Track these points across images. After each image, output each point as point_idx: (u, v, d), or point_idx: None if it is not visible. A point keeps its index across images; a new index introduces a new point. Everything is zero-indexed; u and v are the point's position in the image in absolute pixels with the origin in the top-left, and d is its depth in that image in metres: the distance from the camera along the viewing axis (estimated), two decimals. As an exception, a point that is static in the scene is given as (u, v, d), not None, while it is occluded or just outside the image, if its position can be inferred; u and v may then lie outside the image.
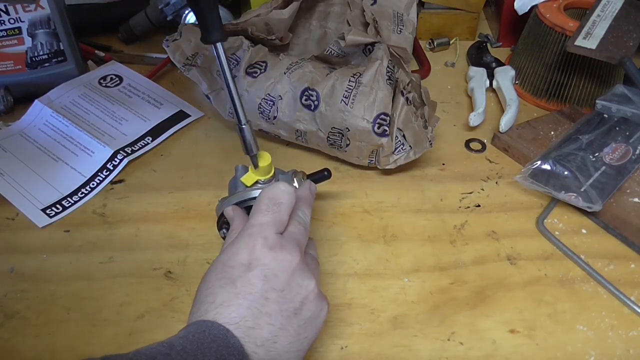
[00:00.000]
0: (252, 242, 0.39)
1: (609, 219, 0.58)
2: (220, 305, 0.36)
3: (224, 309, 0.36)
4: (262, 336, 0.36)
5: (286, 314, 0.37)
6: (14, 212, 0.58)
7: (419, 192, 0.62)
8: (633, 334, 0.48)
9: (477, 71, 0.78)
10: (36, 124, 0.68)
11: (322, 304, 0.40)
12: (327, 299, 0.41)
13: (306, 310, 0.38)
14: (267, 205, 0.42)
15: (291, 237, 0.41)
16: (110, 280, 0.52)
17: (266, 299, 0.37)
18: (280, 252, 0.39)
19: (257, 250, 0.38)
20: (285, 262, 0.38)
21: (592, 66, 0.71)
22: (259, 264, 0.38)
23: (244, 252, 0.39)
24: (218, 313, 0.36)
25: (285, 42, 0.67)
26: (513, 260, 0.55)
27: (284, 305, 0.37)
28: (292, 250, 0.39)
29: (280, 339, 0.37)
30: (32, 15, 0.69)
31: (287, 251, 0.39)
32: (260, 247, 0.38)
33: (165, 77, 0.79)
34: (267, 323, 0.36)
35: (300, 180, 0.54)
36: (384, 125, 0.59)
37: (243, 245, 0.39)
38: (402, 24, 0.68)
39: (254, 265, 0.38)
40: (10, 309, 0.49)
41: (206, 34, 0.45)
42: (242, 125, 0.48)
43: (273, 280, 0.38)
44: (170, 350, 0.33)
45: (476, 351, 0.47)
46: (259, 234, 0.39)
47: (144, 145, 0.65)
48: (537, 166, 0.60)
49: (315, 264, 0.44)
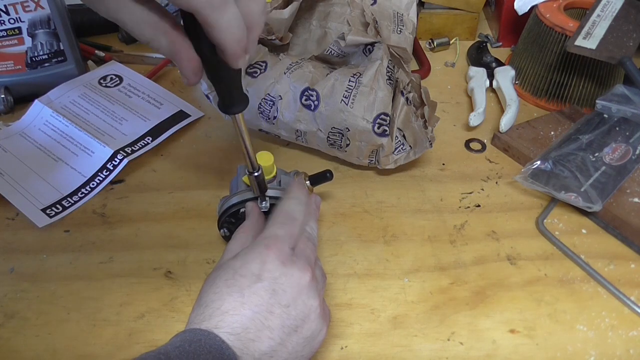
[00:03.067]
0: (266, 253, 0.39)
1: (609, 219, 0.58)
2: (225, 313, 0.36)
3: (228, 317, 0.36)
4: (261, 349, 0.36)
5: (287, 330, 0.37)
6: (13, 212, 0.58)
7: (419, 192, 0.62)
8: (633, 334, 0.48)
9: (477, 71, 0.78)
10: (36, 124, 0.68)
11: (322, 325, 0.40)
12: (329, 318, 0.42)
13: (307, 329, 0.39)
14: (284, 218, 0.42)
15: (302, 254, 0.41)
16: (110, 280, 0.52)
17: (271, 312, 0.37)
18: (291, 268, 0.39)
19: (269, 262, 0.38)
20: (295, 278, 0.39)
21: (592, 66, 0.71)
22: (269, 277, 0.38)
23: (257, 262, 0.39)
24: (222, 320, 0.36)
25: (285, 42, 0.67)
26: (513, 260, 0.55)
27: (286, 321, 0.37)
28: (302, 267, 0.39)
29: (278, 354, 0.37)
30: (32, 15, 0.69)
31: (297, 268, 0.39)
32: (272, 260, 0.39)
33: (165, 77, 0.79)
34: (268, 337, 0.36)
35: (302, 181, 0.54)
36: (384, 125, 0.59)
37: (257, 255, 0.39)
38: (402, 24, 0.68)
39: (264, 278, 0.38)
40: (10, 309, 0.49)
41: (229, 106, 0.41)
42: (255, 173, 0.47)
43: (280, 294, 0.38)
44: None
45: (476, 351, 0.47)
46: (274, 245, 0.39)
47: (144, 145, 0.65)
48: (537, 166, 0.60)
49: (324, 280, 0.44)
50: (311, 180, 0.55)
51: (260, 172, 0.47)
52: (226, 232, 0.52)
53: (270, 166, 0.50)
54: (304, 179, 0.54)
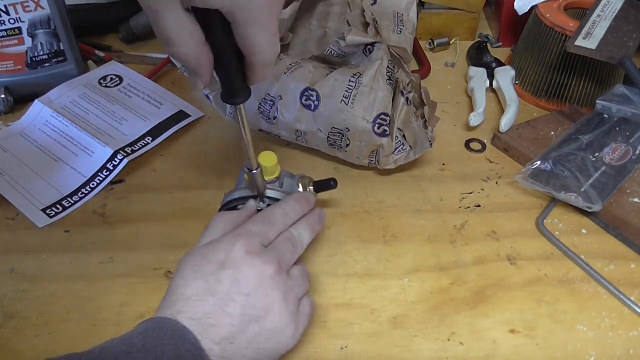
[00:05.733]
0: (233, 242, 0.41)
1: (609, 219, 0.58)
2: (188, 299, 0.38)
3: (191, 302, 0.38)
4: (220, 334, 0.37)
5: (247, 318, 0.39)
6: (14, 212, 0.58)
7: (419, 192, 0.62)
8: (633, 334, 0.48)
9: (477, 71, 0.78)
10: (36, 124, 0.68)
11: (290, 323, 0.41)
12: (305, 321, 0.42)
13: (270, 320, 0.39)
14: (262, 219, 0.44)
15: (273, 249, 0.42)
16: (110, 280, 0.52)
17: (231, 300, 0.39)
18: (255, 258, 0.40)
19: (234, 251, 0.40)
20: (257, 269, 0.40)
21: (592, 66, 0.71)
22: (232, 265, 0.39)
23: (223, 250, 0.40)
24: (185, 305, 0.38)
25: (285, 42, 0.67)
26: (513, 260, 0.55)
27: (247, 309, 0.39)
28: (268, 259, 0.41)
29: (237, 340, 0.38)
30: (32, 15, 0.69)
31: (262, 259, 0.40)
32: (238, 249, 0.40)
33: (165, 77, 0.79)
34: (228, 323, 0.38)
35: (305, 185, 0.54)
36: (384, 125, 0.59)
37: (225, 243, 0.41)
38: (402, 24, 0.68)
39: (227, 265, 0.39)
40: (10, 309, 0.49)
41: (231, 96, 0.41)
42: (254, 170, 0.48)
43: (242, 283, 0.39)
44: (131, 347, 0.35)
45: (476, 351, 0.47)
46: (242, 236, 0.41)
47: (144, 145, 0.65)
48: (537, 166, 0.60)
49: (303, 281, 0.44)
50: (315, 187, 0.55)
51: (257, 171, 0.48)
52: None
53: (272, 167, 0.50)
54: (308, 184, 0.54)
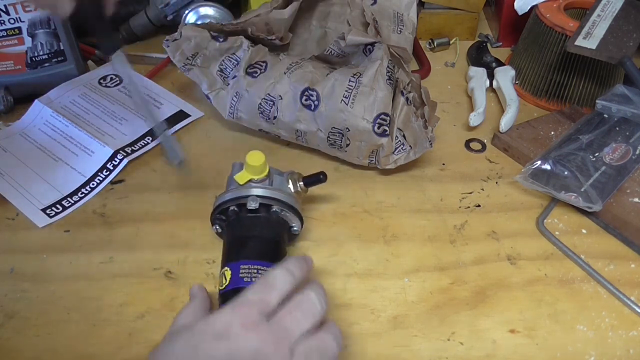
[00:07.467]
0: (232, 315, 0.38)
1: (609, 219, 0.58)
2: None
3: None
4: None
5: None
6: (14, 212, 0.58)
7: (419, 192, 0.62)
8: (633, 334, 0.48)
9: (477, 71, 0.78)
10: (36, 124, 0.68)
11: None
12: None
13: None
14: (261, 285, 0.41)
15: (276, 323, 0.39)
16: (110, 280, 0.52)
17: None
18: (252, 333, 0.37)
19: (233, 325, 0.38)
20: (253, 344, 0.37)
21: (592, 66, 0.71)
22: (229, 338, 0.37)
23: (220, 322, 0.38)
24: None
25: (285, 42, 0.67)
26: (513, 260, 0.55)
27: None
28: (265, 336, 0.38)
29: None
30: (32, 15, 0.69)
31: (257, 335, 0.38)
32: (236, 322, 0.38)
33: (165, 77, 0.79)
34: None
35: (295, 181, 0.53)
36: (384, 125, 0.59)
37: (224, 314, 0.38)
38: (402, 24, 0.68)
39: (224, 337, 0.37)
40: (10, 309, 0.49)
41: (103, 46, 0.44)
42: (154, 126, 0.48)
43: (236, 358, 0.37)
44: None
45: (476, 351, 0.47)
46: (239, 309, 0.39)
47: (144, 145, 0.65)
48: (537, 166, 0.60)
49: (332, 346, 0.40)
50: (305, 182, 0.54)
51: None
52: (218, 228, 0.52)
53: (261, 166, 0.50)
54: (298, 179, 0.54)
